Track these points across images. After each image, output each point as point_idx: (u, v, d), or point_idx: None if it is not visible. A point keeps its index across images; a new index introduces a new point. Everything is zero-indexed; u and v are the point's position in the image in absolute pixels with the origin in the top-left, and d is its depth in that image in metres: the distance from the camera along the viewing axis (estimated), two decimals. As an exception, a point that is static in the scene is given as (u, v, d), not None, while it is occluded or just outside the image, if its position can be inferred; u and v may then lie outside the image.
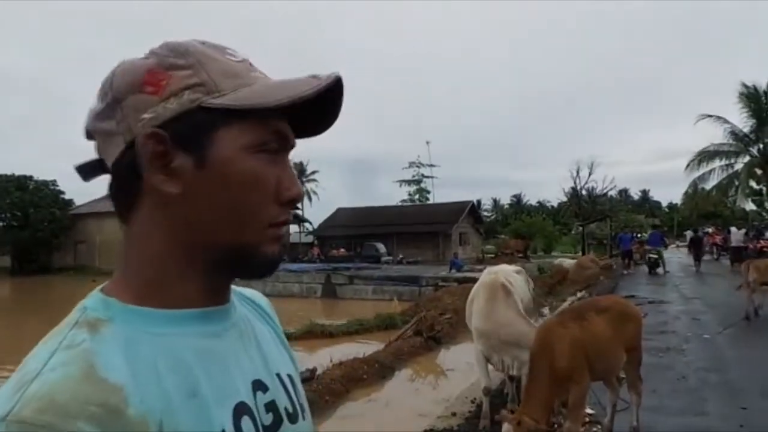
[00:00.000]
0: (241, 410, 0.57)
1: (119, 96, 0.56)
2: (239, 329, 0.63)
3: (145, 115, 0.55)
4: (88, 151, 0.61)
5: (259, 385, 0.61)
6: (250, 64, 0.61)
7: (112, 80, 0.57)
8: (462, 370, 8.16)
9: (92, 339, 0.51)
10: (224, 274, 0.61)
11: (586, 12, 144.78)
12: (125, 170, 0.56)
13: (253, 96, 0.56)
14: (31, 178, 38.10)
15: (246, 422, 0.56)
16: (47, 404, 0.45)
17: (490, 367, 4.98)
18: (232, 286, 0.66)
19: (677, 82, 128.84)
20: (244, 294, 0.72)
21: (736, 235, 21.81)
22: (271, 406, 0.61)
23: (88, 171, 0.62)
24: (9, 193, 35.80)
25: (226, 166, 0.56)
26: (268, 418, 0.60)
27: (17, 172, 37.78)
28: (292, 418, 0.64)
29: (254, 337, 0.66)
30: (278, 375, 0.66)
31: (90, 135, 0.60)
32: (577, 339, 3.66)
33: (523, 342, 4.40)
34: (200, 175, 0.55)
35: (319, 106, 0.61)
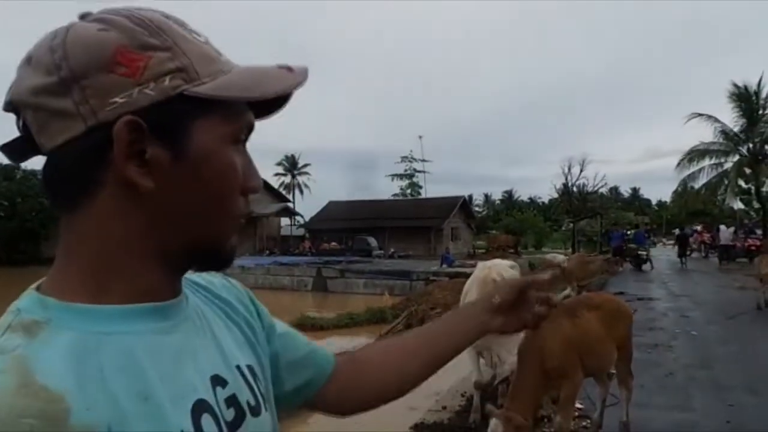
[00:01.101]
0: (200, 408, 0.53)
1: (79, 72, 0.49)
2: (193, 322, 0.59)
3: (117, 99, 0.49)
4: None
5: (217, 381, 0.57)
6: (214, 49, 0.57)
7: (64, 51, 0.49)
8: (452, 365, 8.12)
9: (28, 343, 0.46)
10: (184, 267, 0.58)
11: (578, 11, 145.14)
12: (82, 156, 0.50)
13: (236, 86, 0.53)
14: (18, 167, 37.68)
15: (207, 420, 0.53)
16: None
17: (481, 361, 5.00)
18: (189, 276, 0.64)
19: (668, 81, 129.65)
20: (196, 281, 0.67)
21: (725, 233, 22.03)
22: (231, 401, 0.58)
23: (18, 150, 0.54)
24: (-4, 183, 35.45)
25: (205, 159, 0.53)
26: (229, 414, 0.57)
27: (4, 162, 37.36)
28: (255, 411, 0.61)
29: (209, 328, 0.62)
30: (238, 367, 0.62)
31: (13, 107, 0.52)
32: (569, 335, 3.66)
33: (503, 339, 4.41)
34: (176, 167, 0.52)
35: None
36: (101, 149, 0.50)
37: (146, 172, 0.51)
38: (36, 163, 0.58)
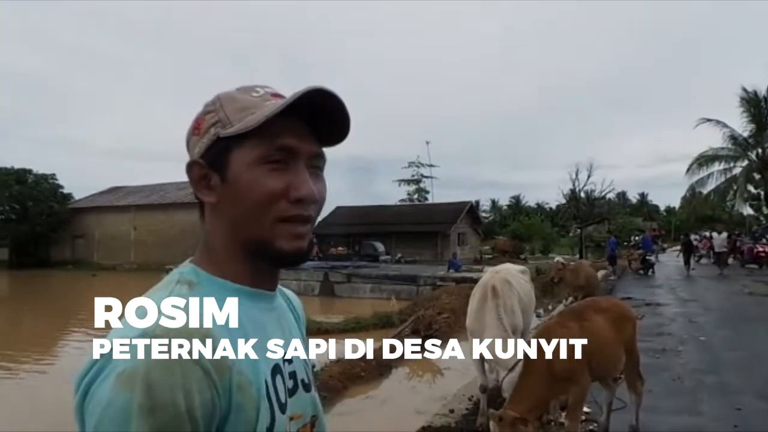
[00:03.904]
0: (276, 370, 0.76)
1: (188, 140, 0.80)
2: (278, 314, 0.84)
3: (196, 150, 0.78)
4: (85, 147, 0.67)
5: (286, 359, 0.80)
6: (272, 95, 0.78)
7: None
8: (459, 369, 8.19)
9: (191, 293, 0.71)
10: (260, 262, 0.78)
11: (585, 14, 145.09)
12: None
13: (249, 122, 0.73)
14: (30, 171, 38.01)
15: (278, 380, 0.75)
16: (171, 328, 0.63)
17: (486, 365, 5.01)
18: (280, 287, 0.87)
19: (678, 86, 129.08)
20: (287, 294, 0.94)
21: (718, 240, 21.84)
22: (292, 375, 0.80)
23: None
24: (8, 187, 35.73)
25: (237, 179, 0.74)
26: (290, 383, 0.79)
27: (16, 166, 37.76)
28: (306, 388, 0.84)
29: (288, 323, 0.87)
30: (300, 357, 0.85)
31: None
32: (577, 338, 3.68)
33: (505, 360, 4.42)
34: (225, 188, 0.75)
35: (331, 117, 0.78)
36: None
37: (210, 193, 0.77)
38: (46, 167, 0.69)
